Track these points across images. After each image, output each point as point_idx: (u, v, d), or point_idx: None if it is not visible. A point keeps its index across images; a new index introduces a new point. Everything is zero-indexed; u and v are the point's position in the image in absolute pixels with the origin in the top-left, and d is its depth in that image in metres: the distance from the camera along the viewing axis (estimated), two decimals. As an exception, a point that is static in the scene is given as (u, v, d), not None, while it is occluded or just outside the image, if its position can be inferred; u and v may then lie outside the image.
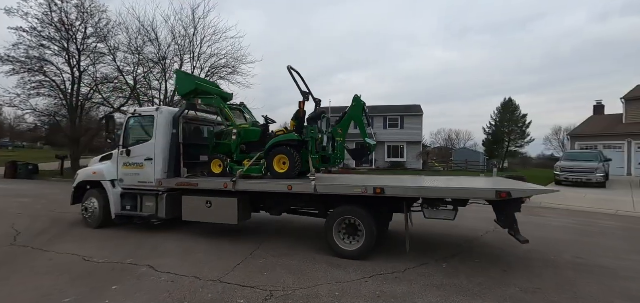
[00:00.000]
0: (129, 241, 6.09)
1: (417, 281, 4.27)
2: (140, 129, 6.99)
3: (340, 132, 6.15)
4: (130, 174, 6.77)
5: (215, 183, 5.94)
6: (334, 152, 6.25)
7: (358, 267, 4.71)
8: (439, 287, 4.11)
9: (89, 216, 6.96)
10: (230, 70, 21.08)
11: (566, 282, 4.34)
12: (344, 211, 5.18)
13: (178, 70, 7.06)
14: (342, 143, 6.13)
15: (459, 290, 4.01)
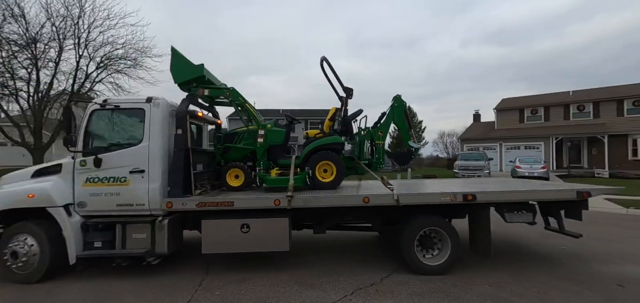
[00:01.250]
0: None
1: (398, 291, 4.11)
2: (117, 127, 4.86)
3: (380, 135, 5.59)
4: (100, 194, 4.58)
5: (261, 200, 4.52)
6: (373, 157, 5.64)
7: (333, 284, 4.34)
8: (422, 294, 4.01)
9: (19, 265, 4.40)
10: (130, 63, 17.03)
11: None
12: (426, 222, 4.64)
13: (175, 49, 5.14)
14: (382, 146, 5.58)
15: (440, 294, 4.00)
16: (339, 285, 4.31)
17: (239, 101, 5.29)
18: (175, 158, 4.69)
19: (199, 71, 5.08)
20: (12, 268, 4.40)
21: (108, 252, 4.53)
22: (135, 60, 16.94)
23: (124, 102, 4.79)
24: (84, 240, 4.55)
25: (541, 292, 4.07)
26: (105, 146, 4.77)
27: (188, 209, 4.49)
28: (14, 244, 4.42)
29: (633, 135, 23.58)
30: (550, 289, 4.14)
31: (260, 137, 5.27)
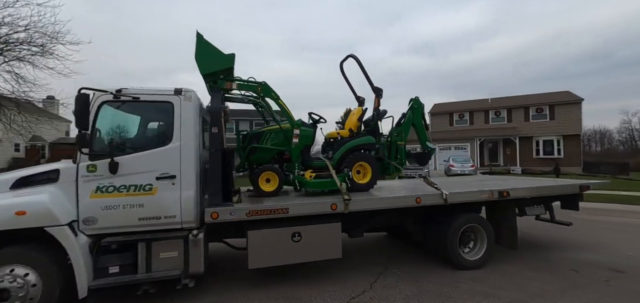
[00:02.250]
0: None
1: (393, 296, 4.05)
2: (136, 124, 3.98)
3: (396, 136, 5.69)
4: (117, 207, 3.68)
5: (317, 205, 4.15)
6: (396, 158, 5.70)
7: (324, 296, 4.08)
8: (416, 296, 4.03)
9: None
10: (36, 50, 13.59)
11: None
12: (468, 219, 4.84)
13: (201, 36, 4.38)
14: (404, 147, 5.69)
15: (432, 294, 4.08)
16: (331, 298, 4.03)
17: (272, 96, 4.80)
18: (212, 161, 4.03)
19: (229, 61, 4.48)
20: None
21: (131, 278, 3.67)
22: (43, 47, 13.85)
23: (145, 92, 3.92)
24: (94, 266, 3.60)
25: (515, 283, 4.36)
26: (120, 147, 3.87)
27: (236, 219, 3.90)
28: (5, 279, 3.28)
29: (536, 137, 28.31)
30: (523, 279, 4.47)
31: (296, 138, 4.87)
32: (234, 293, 4.20)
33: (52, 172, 3.62)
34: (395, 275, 4.71)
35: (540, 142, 28.14)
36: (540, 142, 28.10)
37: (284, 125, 4.92)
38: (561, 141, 27.51)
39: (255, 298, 4.03)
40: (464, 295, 4.01)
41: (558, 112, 27.58)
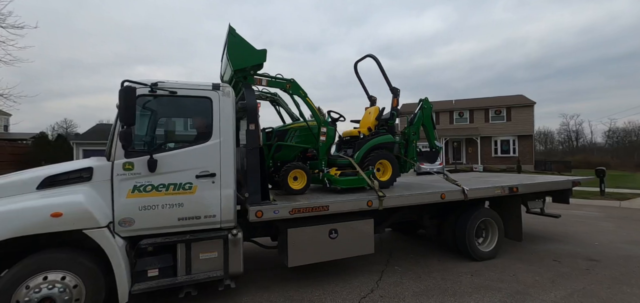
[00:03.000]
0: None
1: (402, 293, 4.11)
2: (174, 119, 3.77)
3: (414, 134, 5.96)
4: (155, 207, 3.48)
5: (355, 202, 4.22)
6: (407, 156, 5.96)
7: (333, 296, 4.06)
8: (424, 293, 4.12)
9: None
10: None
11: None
12: (484, 213, 5.19)
13: (234, 30, 4.20)
14: (415, 146, 5.96)
15: (439, 290, 4.19)
16: (342, 298, 4.01)
17: (300, 94, 4.78)
18: (251, 159, 3.94)
19: (262, 57, 4.37)
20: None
21: (173, 281, 3.49)
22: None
23: (183, 87, 3.73)
24: (132, 270, 3.38)
25: (511, 274, 4.65)
26: (158, 144, 3.66)
27: (280, 218, 3.85)
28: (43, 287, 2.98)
29: (495, 137, 30.56)
30: (515, 271, 4.78)
31: (323, 136, 4.89)
32: (242, 297, 4.08)
33: (84, 171, 3.33)
34: (397, 272, 4.83)
35: (498, 141, 30.44)
36: (498, 142, 30.41)
37: (312, 122, 4.92)
38: (516, 141, 29.98)
39: (267, 301, 3.97)
40: (468, 289, 4.19)
41: (514, 114, 30.01)
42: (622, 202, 12.01)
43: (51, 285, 3.00)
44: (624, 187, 15.87)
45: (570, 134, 57.18)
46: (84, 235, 3.18)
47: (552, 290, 4.17)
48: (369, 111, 5.92)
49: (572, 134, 57.08)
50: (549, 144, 62.70)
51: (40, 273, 3.00)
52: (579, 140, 56.61)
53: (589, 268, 4.95)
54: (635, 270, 4.86)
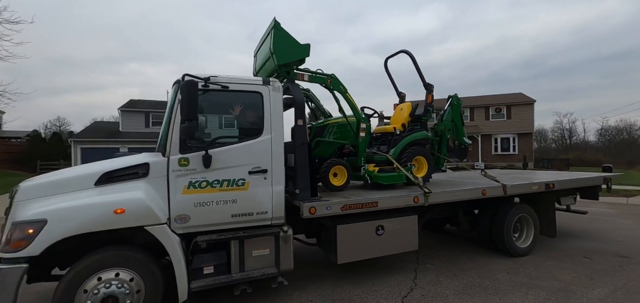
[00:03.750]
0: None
1: (443, 292, 4.06)
2: (228, 114, 3.71)
3: (448, 131, 5.96)
4: (210, 203, 3.43)
5: (402, 198, 4.20)
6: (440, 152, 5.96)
7: (374, 296, 3.99)
8: (466, 291, 4.09)
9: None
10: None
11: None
12: (519, 209, 5.21)
13: (279, 24, 4.15)
14: (447, 142, 5.97)
15: (479, 288, 4.16)
16: (384, 298, 3.94)
17: (340, 89, 4.73)
18: (300, 155, 3.89)
19: (306, 52, 4.33)
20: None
21: (229, 279, 3.43)
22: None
23: (234, 81, 3.67)
24: (188, 268, 3.31)
25: (547, 272, 4.64)
26: (210, 139, 3.59)
27: (332, 214, 3.81)
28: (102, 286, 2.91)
29: (495, 135, 30.83)
30: (550, 268, 4.78)
31: (362, 132, 4.86)
32: (281, 296, 4.01)
33: (141, 167, 3.26)
34: (430, 270, 4.79)
35: (498, 139, 30.72)
36: (498, 140, 30.69)
37: (351, 118, 4.88)
38: (516, 139, 30.28)
39: (307, 301, 3.89)
40: (509, 287, 4.15)
41: (514, 112, 30.29)
42: (629, 199, 12.20)
43: (110, 284, 2.95)
44: (625, 184, 16.12)
45: (563, 132, 57.98)
46: (133, 232, 3.13)
47: (593, 287, 4.19)
48: (400, 107, 5.90)
49: (565, 132, 57.88)
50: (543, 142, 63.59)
51: (100, 271, 2.94)
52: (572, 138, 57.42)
53: (622, 265, 4.99)
54: (671, 265, 4.92)
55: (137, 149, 25.52)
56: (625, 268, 4.87)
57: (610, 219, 8.46)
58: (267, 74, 4.48)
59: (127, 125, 28.96)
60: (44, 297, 3.98)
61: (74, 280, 2.85)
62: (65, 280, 2.84)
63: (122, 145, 26.79)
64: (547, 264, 4.97)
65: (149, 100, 32.80)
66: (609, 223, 7.87)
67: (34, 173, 31.70)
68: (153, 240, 3.22)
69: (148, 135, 28.31)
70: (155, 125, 29.95)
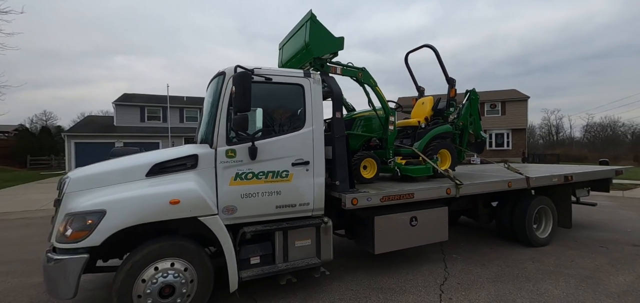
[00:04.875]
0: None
1: (478, 281, 4.14)
2: (270, 106, 3.72)
3: (470, 125, 6.07)
4: (256, 194, 3.46)
5: (436, 190, 4.30)
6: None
7: (413, 284, 4.09)
8: (500, 279, 4.18)
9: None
10: None
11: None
12: (539, 201, 5.37)
13: (315, 17, 4.16)
14: (467, 136, 6.09)
15: (510, 276, 4.27)
16: (423, 286, 4.02)
17: (371, 83, 4.79)
18: (339, 147, 3.94)
19: (340, 45, 4.36)
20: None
21: (275, 269, 3.47)
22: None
23: (277, 73, 3.68)
24: (238, 257, 3.34)
25: (570, 260, 4.83)
26: (255, 131, 3.61)
27: (372, 205, 3.88)
28: (159, 275, 2.94)
29: (490, 131, 31.33)
30: (572, 257, 4.94)
31: (391, 125, 4.93)
32: (322, 286, 4.06)
33: (190, 158, 3.26)
34: (457, 260, 4.89)
35: (493, 135, 31.25)
36: (493, 135, 31.22)
37: (380, 112, 4.94)
38: (510, 134, 30.86)
39: (348, 290, 3.96)
40: (539, 276, 4.28)
41: (508, 108, 30.83)
42: (625, 192, 12.61)
43: (166, 273, 2.99)
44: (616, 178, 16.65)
45: (551, 129, 59.22)
46: (178, 224, 3.16)
47: (617, 274, 4.35)
48: (422, 101, 5.99)
49: (552, 128, 59.12)
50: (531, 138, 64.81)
51: (156, 261, 2.96)
52: (559, 134, 58.67)
53: (638, 254, 5.20)
54: (684, 252, 5.14)
55: (132, 143, 25.13)
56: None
57: (613, 211, 8.76)
58: (296, 66, 4.50)
59: (121, 119, 28.46)
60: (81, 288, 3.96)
61: (132, 270, 2.85)
62: (123, 270, 2.84)
63: (117, 139, 26.34)
64: (567, 253, 5.14)
65: (144, 94, 32.29)
66: (613, 215, 8.16)
67: (24, 168, 30.99)
68: (196, 232, 3.25)
69: (144, 130, 27.93)
70: (150, 120, 29.54)
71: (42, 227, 7.68)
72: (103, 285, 4.16)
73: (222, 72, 3.57)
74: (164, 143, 27.02)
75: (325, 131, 4.03)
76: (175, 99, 30.49)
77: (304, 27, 4.25)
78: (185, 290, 3.04)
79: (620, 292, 3.76)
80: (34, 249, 5.91)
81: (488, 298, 3.67)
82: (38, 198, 12.06)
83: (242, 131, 3.20)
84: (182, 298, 3.04)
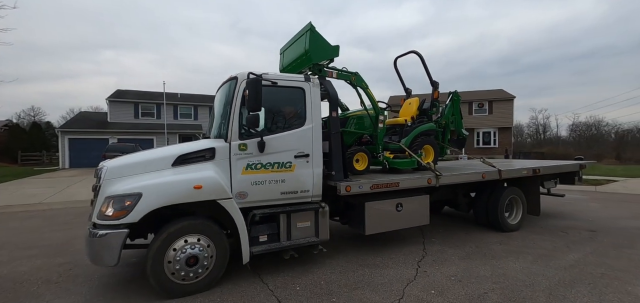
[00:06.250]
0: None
1: (450, 259, 4.75)
2: (276, 107, 4.30)
3: (451, 123, 6.74)
4: (264, 182, 4.06)
5: (418, 180, 4.95)
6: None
7: (396, 259, 4.74)
8: (469, 257, 4.83)
9: (199, 272, 3.63)
10: None
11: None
12: (510, 191, 6.09)
13: (314, 27, 4.73)
14: (449, 134, 6.76)
15: (480, 255, 4.91)
16: (403, 263, 4.63)
17: (363, 86, 5.40)
18: (334, 142, 4.56)
19: (336, 52, 4.97)
20: (180, 277, 3.55)
21: (280, 245, 4.09)
22: None
23: (281, 78, 4.28)
24: (248, 236, 3.94)
25: (532, 242, 5.50)
26: (264, 128, 4.20)
27: (363, 192, 4.51)
28: (188, 247, 3.55)
29: (477, 129, 32.39)
30: (534, 241, 5.63)
31: (381, 123, 5.55)
32: (319, 261, 4.69)
33: (208, 151, 3.84)
34: (435, 243, 5.54)
35: (480, 133, 32.31)
36: (480, 133, 32.28)
37: (371, 111, 5.56)
38: (497, 133, 31.94)
39: (339, 265, 4.57)
40: (503, 254, 4.93)
41: (495, 108, 31.90)
42: (598, 187, 13.55)
43: (194, 246, 3.59)
44: (593, 175, 17.70)
45: (538, 127, 60.92)
46: (197, 206, 3.74)
47: (570, 253, 5.09)
48: (409, 102, 6.64)
49: (540, 127, 60.82)
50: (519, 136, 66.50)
51: (186, 235, 3.56)
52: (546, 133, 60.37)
53: (592, 237, 5.96)
54: (633, 238, 5.90)
55: (127, 139, 25.36)
56: (595, 239, 5.83)
57: (582, 203, 9.61)
58: (295, 70, 5.09)
59: (115, 115, 28.59)
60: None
61: (167, 238, 3.46)
62: (160, 238, 3.43)
63: (111, 135, 26.49)
64: (531, 237, 5.88)
65: (137, 91, 32.40)
66: (581, 206, 8.99)
67: (15, 164, 30.80)
68: (211, 216, 3.83)
69: (138, 126, 28.09)
70: (144, 116, 29.69)
71: (48, 219, 8.15)
72: (124, 263, 4.70)
73: (234, 77, 4.15)
74: (158, 139, 27.27)
75: (323, 128, 4.64)
76: (170, 95, 30.71)
77: (305, 36, 4.84)
78: (206, 263, 3.64)
79: (567, 266, 4.49)
80: (48, 236, 6.41)
81: (456, 271, 4.35)
82: (36, 192, 12.36)
83: (254, 128, 3.79)
84: (203, 269, 3.63)
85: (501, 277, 4.11)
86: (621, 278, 4.06)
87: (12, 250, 5.49)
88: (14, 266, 4.72)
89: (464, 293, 3.69)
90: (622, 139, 41.24)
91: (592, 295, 3.60)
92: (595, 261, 4.69)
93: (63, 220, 7.93)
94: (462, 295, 3.65)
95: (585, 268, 4.41)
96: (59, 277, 4.30)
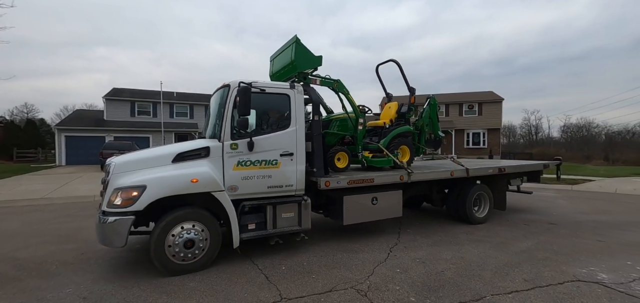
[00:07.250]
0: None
1: (419, 245, 5.38)
2: (264, 111, 4.88)
3: (426, 126, 7.37)
4: (252, 177, 4.65)
5: (390, 177, 5.58)
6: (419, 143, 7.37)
7: (371, 246, 5.26)
8: (436, 244, 5.45)
9: (195, 253, 4.23)
10: None
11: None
12: (480, 188, 6.74)
13: (299, 40, 5.31)
14: (424, 135, 7.40)
15: (446, 243, 5.51)
16: (377, 249, 5.21)
17: (344, 92, 6.00)
18: (316, 142, 5.16)
19: (319, 62, 5.56)
20: (180, 258, 4.13)
21: (267, 232, 4.68)
22: None
23: (269, 86, 4.87)
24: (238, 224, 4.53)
25: (494, 233, 6.15)
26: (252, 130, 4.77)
27: (341, 187, 5.12)
28: (184, 233, 4.14)
29: (467, 130, 33.21)
30: (496, 231, 6.30)
31: (360, 125, 6.16)
32: (301, 248, 5.31)
33: (204, 149, 4.42)
34: (410, 233, 6.14)
35: (470, 134, 33.14)
36: (470, 134, 33.12)
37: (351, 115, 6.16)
38: (486, 134, 32.79)
39: (320, 250, 5.16)
40: (466, 243, 5.53)
41: (485, 109, 32.74)
42: (574, 186, 14.32)
43: (190, 232, 4.18)
44: (575, 175, 18.52)
45: (531, 128, 62.07)
46: (193, 198, 4.30)
47: (524, 241, 5.75)
48: (389, 106, 7.25)
49: (532, 128, 61.96)
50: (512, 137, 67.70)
51: (182, 222, 4.14)
52: (538, 134, 61.52)
53: (550, 229, 6.64)
54: (583, 228, 6.60)
55: (123, 137, 25.74)
56: (552, 230, 6.50)
57: (552, 200, 10.32)
58: (283, 77, 5.67)
59: (112, 113, 28.93)
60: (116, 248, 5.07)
61: (166, 226, 4.04)
62: (160, 226, 4.01)
63: (108, 134, 26.86)
64: (495, 229, 6.55)
65: (134, 89, 32.72)
66: (550, 203, 9.70)
67: (10, 161, 30.99)
68: (206, 206, 4.40)
69: (134, 125, 28.47)
70: (141, 115, 30.06)
71: (53, 212, 8.66)
72: (129, 249, 5.26)
73: (227, 85, 4.73)
74: (155, 138, 27.68)
75: (307, 130, 5.23)
76: (166, 94, 31.08)
77: (290, 47, 5.43)
78: (202, 245, 4.23)
79: (518, 251, 5.15)
80: (56, 227, 6.94)
81: (422, 254, 4.99)
82: (37, 188, 12.80)
83: (244, 130, 4.37)
84: (199, 250, 4.22)
85: (460, 260, 4.75)
86: (560, 260, 4.73)
87: (27, 238, 6.03)
88: (31, 251, 5.27)
89: (424, 271, 4.33)
90: (612, 140, 42.34)
91: (530, 273, 4.25)
92: (543, 247, 5.35)
93: (66, 213, 8.45)
94: (422, 272, 4.28)
95: (533, 253, 5.07)
96: (74, 259, 4.86)
